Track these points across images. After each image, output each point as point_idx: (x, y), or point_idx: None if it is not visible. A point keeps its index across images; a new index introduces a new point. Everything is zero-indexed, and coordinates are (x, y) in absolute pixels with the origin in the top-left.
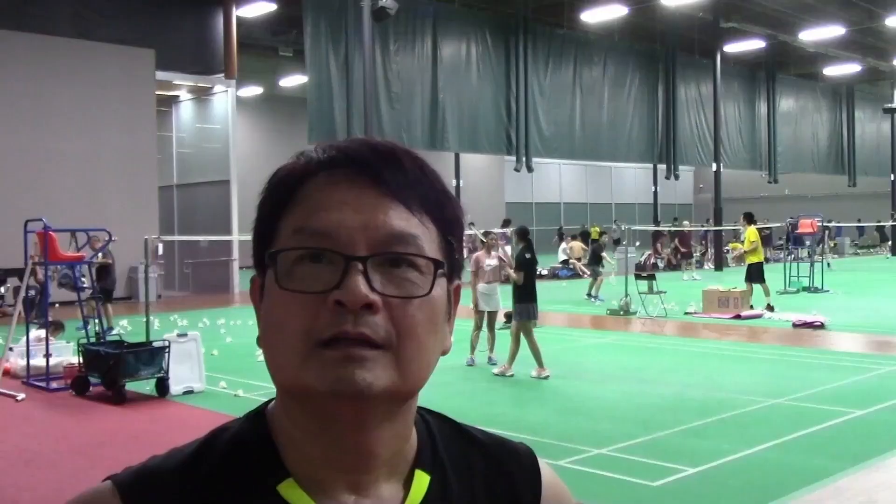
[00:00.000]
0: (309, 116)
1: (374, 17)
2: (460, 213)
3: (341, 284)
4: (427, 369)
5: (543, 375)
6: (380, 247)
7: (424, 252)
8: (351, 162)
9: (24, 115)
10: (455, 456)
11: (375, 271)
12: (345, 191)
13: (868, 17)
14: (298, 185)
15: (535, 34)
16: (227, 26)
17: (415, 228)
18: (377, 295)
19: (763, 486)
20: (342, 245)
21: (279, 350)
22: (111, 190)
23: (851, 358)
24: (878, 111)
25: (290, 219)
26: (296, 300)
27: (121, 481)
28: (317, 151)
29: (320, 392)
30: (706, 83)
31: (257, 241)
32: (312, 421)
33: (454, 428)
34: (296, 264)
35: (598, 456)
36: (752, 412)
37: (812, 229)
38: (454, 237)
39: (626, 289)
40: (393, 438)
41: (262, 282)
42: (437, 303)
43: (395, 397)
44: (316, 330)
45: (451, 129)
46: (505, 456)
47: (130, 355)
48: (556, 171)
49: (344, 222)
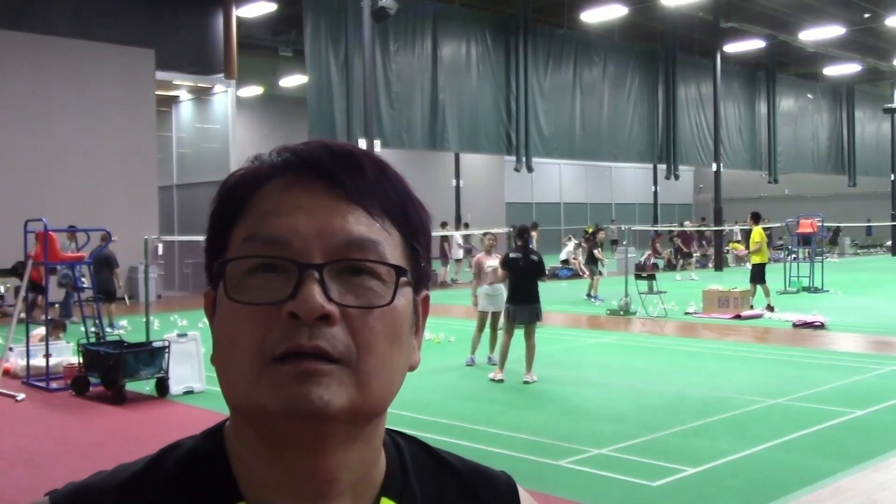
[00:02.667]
0: (309, 116)
1: (374, 17)
2: (426, 218)
3: (295, 295)
4: (391, 386)
5: (497, 378)
6: (337, 254)
7: (386, 259)
8: (306, 165)
9: (24, 115)
10: (427, 484)
11: (333, 280)
12: (298, 195)
13: (868, 17)
14: (251, 192)
15: (535, 34)
16: (227, 26)
17: (375, 234)
18: (334, 305)
19: (763, 486)
20: (296, 252)
21: (231, 367)
22: (111, 190)
23: (851, 358)
24: (878, 111)
25: (241, 227)
26: (247, 313)
27: (58, 498)
28: (270, 155)
29: (273, 412)
30: (706, 83)
31: (209, 253)
32: (266, 445)
33: (428, 453)
34: (248, 275)
35: (598, 456)
36: (752, 412)
37: (812, 229)
38: (419, 243)
39: (626, 289)
40: (356, 463)
41: (216, 295)
42: (401, 314)
43: (356, 417)
44: (268, 345)
45: (451, 129)
46: (482, 484)
47: (130, 355)
48: (556, 171)
49: (297, 228)
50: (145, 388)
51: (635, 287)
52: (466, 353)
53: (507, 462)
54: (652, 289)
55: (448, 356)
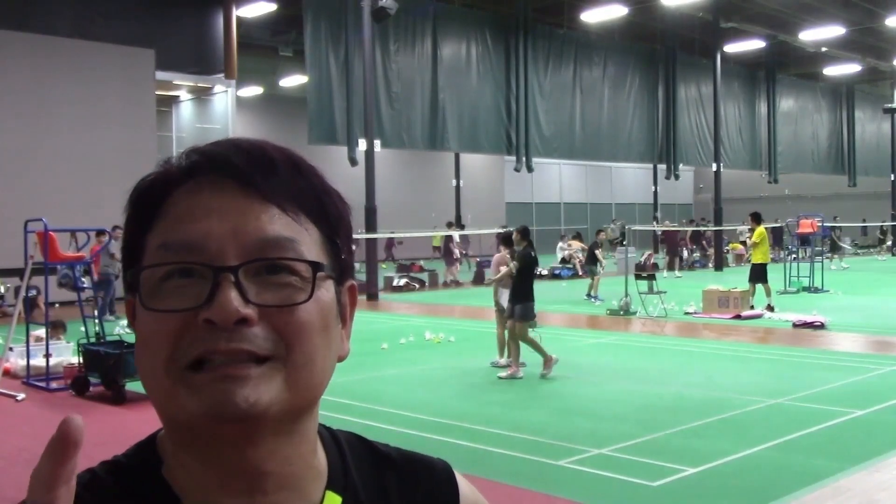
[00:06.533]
0: (309, 116)
1: (374, 17)
2: (345, 211)
3: (211, 300)
4: (320, 377)
5: (550, 366)
6: (252, 254)
7: (303, 255)
8: (215, 166)
9: (24, 115)
10: (368, 476)
11: (250, 281)
12: (209, 198)
13: (868, 17)
14: (162, 197)
15: (535, 34)
16: (227, 26)
17: (290, 231)
18: (252, 307)
19: (763, 486)
20: (210, 257)
21: (148, 375)
22: (111, 190)
23: (851, 358)
24: (878, 111)
25: (154, 233)
26: (163, 321)
27: None
28: (179, 158)
29: (198, 416)
30: (706, 83)
31: (125, 261)
32: (196, 446)
33: (366, 446)
34: (163, 281)
35: (598, 456)
36: (752, 412)
37: (812, 229)
38: (338, 235)
39: (626, 289)
40: (291, 456)
41: (134, 297)
42: (325, 306)
43: (285, 412)
44: (181, 352)
45: (451, 129)
46: (420, 473)
47: (130, 355)
48: (556, 171)
49: (210, 232)
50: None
51: (635, 287)
52: (467, 353)
53: (507, 462)
54: (652, 289)
55: (448, 356)
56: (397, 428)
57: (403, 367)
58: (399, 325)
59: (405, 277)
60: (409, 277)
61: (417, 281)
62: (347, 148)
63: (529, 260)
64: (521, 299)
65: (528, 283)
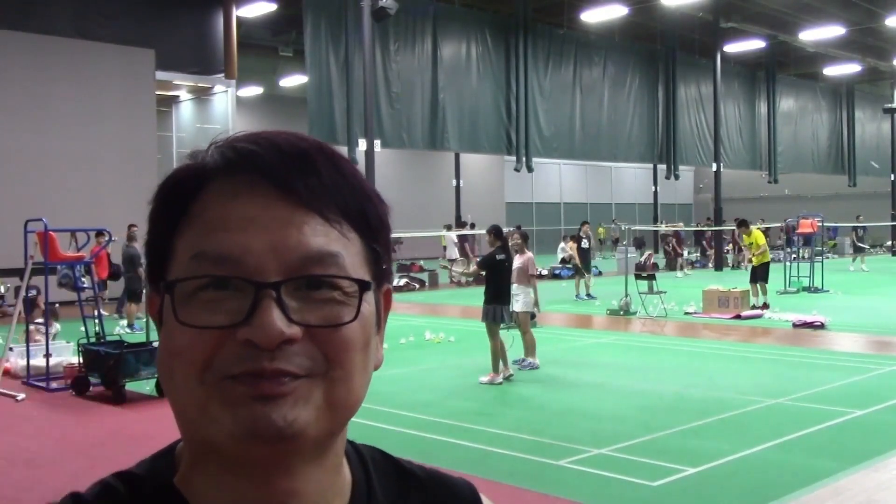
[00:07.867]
0: (309, 116)
1: (374, 17)
2: (385, 215)
3: (252, 319)
4: (359, 393)
5: (496, 381)
6: (294, 271)
7: (347, 271)
8: (251, 167)
9: (24, 115)
10: (392, 494)
11: (291, 297)
12: (247, 204)
13: (868, 17)
14: (193, 195)
15: (535, 34)
16: (227, 26)
17: (334, 245)
18: (295, 327)
19: (763, 486)
20: (250, 271)
21: (179, 384)
22: (111, 190)
23: (851, 358)
24: (878, 111)
25: (186, 238)
26: (198, 336)
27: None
28: (212, 154)
29: (230, 436)
30: (706, 83)
31: (151, 257)
32: (222, 465)
33: (391, 464)
34: (197, 291)
35: (598, 456)
36: (752, 412)
37: (812, 229)
38: (379, 244)
39: (626, 289)
40: (322, 475)
41: (161, 301)
42: (367, 322)
43: (323, 434)
44: (221, 363)
45: (451, 129)
46: (444, 494)
47: (130, 355)
48: (556, 171)
49: (250, 245)
50: (145, 388)
51: (635, 287)
52: (466, 353)
53: (507, 462)
54: (652, 289)
55: (448, 356)
56: (397, 428)
57: (403, 367)
58: (399, 325)
59: (405, 277)
60: (409, 277)
61: (417, 281)
62: (347, 148)
63: (492, 263)
64: (487, 301)
65: (496, 285)
